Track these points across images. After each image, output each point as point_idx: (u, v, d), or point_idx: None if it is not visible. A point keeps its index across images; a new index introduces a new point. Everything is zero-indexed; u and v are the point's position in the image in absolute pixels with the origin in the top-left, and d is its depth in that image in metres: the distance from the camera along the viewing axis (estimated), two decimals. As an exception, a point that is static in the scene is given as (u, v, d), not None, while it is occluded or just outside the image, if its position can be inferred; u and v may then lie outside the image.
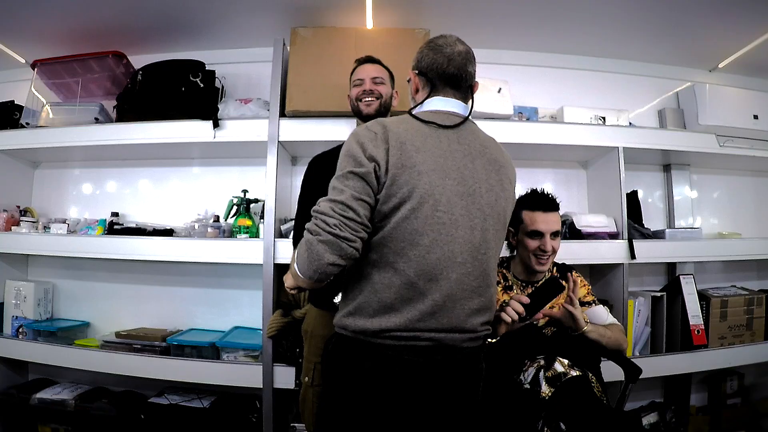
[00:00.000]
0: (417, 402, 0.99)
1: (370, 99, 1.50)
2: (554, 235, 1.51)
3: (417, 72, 1.12)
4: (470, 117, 1.11)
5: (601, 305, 1.58)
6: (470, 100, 1.13)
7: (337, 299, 1.34)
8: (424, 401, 1.00)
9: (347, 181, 0.96)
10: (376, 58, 1.60)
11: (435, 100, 1.09)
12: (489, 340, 1.22)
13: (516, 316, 1.14)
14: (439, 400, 1.01)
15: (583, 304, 1.56)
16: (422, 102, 1.11)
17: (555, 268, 1.64)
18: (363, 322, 0.99)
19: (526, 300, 1.16)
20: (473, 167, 1.04)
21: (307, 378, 1.48)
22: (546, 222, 1.50)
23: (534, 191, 1.57)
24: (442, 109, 1.08)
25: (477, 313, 1.03)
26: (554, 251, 1.52)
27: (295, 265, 0.97)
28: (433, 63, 1.09)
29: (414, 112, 1.10)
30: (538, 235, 1.49)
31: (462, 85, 1.10)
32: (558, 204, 1.56)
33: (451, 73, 1.08)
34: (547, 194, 1.56)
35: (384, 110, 1.52)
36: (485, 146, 1.09)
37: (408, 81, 1.17)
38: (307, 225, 0.95)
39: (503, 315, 1.14)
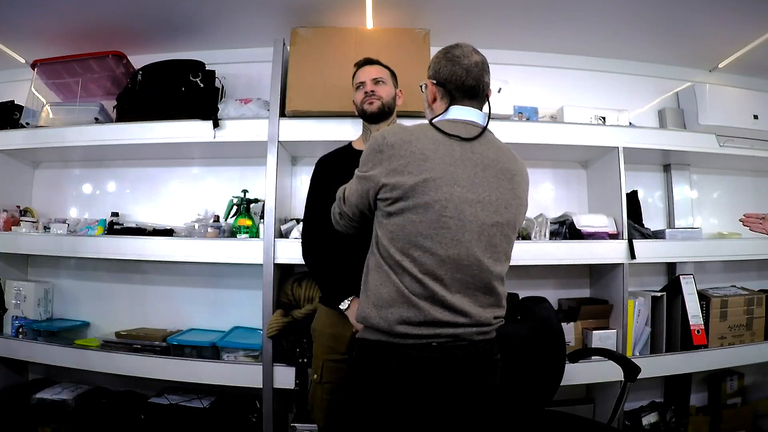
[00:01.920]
0: (440, 398, 1.05)
1: (371, 99, 1.54)
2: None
3: (435, 82, 1.15)
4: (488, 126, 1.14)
5: None
6: (487, 106, 1.16)
7: (344, 305, 1.36)
8: (446, 397, 1.05)
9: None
10: (375, 59, 1.61)
11: (455, 109, 1.13)
12: None
13: None
14: (460, 395, 1.07)
15: None
16: (444, 112, 1.14)
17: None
18: (384, 313, 1.04)
19: None
20: (484, 176, 1.08)
21: (315, 375, 1.49)
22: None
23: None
24: (462, 119, 1.12)
25: (490, 307, 1.10)
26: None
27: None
28: (453, 75, 1.12)
29: (435, 121, 1.13)
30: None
31: (479, 94, 1.14)
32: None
33: (470, 85, 1.12)
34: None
35: (388, 110, 1.56)
36: (498, 155, 1.12)
37: (422, 87, 1.21)
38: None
39: None
